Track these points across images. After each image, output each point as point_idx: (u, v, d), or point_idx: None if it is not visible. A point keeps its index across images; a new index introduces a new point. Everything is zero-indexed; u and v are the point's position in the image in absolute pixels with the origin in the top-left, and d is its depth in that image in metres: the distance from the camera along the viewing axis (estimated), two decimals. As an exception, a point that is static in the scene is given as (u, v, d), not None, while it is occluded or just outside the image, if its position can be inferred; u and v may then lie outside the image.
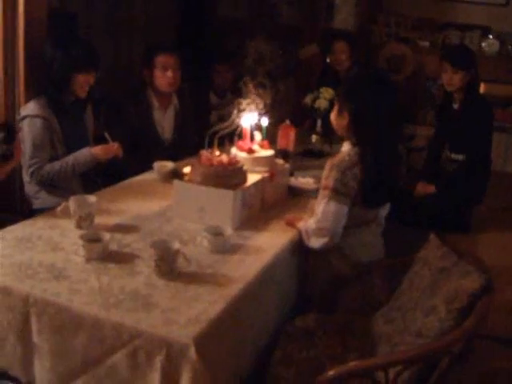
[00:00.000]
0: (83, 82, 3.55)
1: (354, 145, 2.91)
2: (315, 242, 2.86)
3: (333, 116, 3.02)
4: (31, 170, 3.42)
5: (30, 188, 3.55)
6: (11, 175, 3.41)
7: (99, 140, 3.56)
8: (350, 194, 2.83)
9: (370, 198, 2.89)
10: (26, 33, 3.52)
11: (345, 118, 2.91)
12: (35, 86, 3.58)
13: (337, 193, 2.80)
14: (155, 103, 4.29)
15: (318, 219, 2.83)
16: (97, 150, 3.48)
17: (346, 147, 2.96)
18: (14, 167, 2.91)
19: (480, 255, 2.60)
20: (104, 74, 3.73)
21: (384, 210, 3.10)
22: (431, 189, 4.41)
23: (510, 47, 6.51)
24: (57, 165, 3.45)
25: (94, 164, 3.52)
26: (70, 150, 3.51)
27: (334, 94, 3.14)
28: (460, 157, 4.37)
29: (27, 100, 3.54)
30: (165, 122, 4.36)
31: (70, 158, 3.46)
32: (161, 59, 4.21)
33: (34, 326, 2.23)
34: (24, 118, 3.43)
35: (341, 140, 3.12)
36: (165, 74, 4.21)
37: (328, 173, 2.86)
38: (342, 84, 3.13)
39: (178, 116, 4.43)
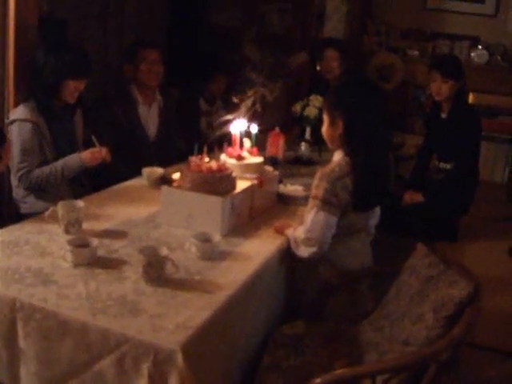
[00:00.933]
0: (73, 88, 3.54)
1: (345, 154, 2.89)
2: (304, 251, 2.85)
3: (325, 127, 2.98)
4: (20, 174, 3.40)
5: (17, 192, 3.54)
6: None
7: (88, 145, 3.55)
8: (340, 205, 2.82)
9: (359, 204, 2.88)
10: (17, 38, 3.51)
11: (338, 127, 2.87)
12: (25, 90, 3.57)
13: (326, 203, 2.79)
14: (139, 99, 4.32)
15: (306, 229, 2.82)
16: (85, 156, 3.47)
17: (336, 157, 2.94)
18: (2, 171, 2.90)
19: (467, 264, 2.60)
20: (94, 79, 3.72)
21: (374, 220, 3.10)
22: (418, 198, 4.42)
23: (498, 57, 6.54)
24: (46, 169, 3.44)
25: (82, 169, 3.51)
26: (59, 154, 3.50)
27: (323, 104, 3.12)
28: (448, 166, 4.39)
29: (16, 104, 3.52)
30: (149, 117, 4.39)
31: (60, 163, 3.45)
32: (145, 54, 4.25)
33: (21, 332, 2.21)
34: (13, 121, 3.42)
35: (327, 148, 3.12)
36: (149, 68, 4.25)
37: (318, 182, 2.85)
38: (329, 94, 3.11)
39: (162, 112, 4.46)
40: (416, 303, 2.45)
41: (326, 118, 2.97)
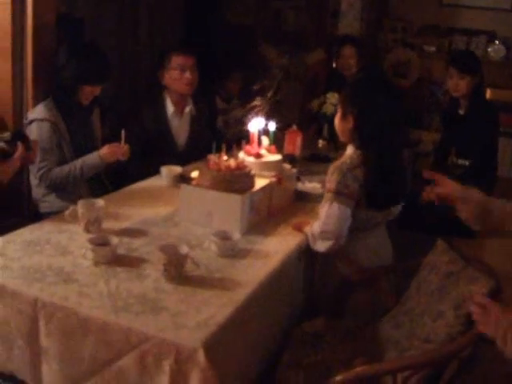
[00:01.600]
0: (89, 92, 3.57)
1: (356, 148, 2.92)
2: (321, 246, 2.86)
3: (337, 120, 3.03)
4: (40, 173, 3.42)
5: (37, 191, 3.56)
6: (17, 179, 3.43)
7: (107, 143, 3.55)
8: (353, 196, 2.83)
9: (373, 201, 2.89)
10: (35, 37, 3.54)
11: (349, 121, 2.92)
12: (43, 89, 3.59)
13: (339, 194, 2.81)
14: (171, 107, 4.24)
15: (322, 222, 2.83)
16: (104, 152, 3.48)
17: (349, 150, 2.97)
18: (17, 170, 2.90)
19: (486, 261, 2.59)
20: (111, 80, 3.73)
21: (392, 216, 3.10)
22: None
23: (516, 52, 6.51)
24: (66, 168, 3.46)
25: (102, 167, 3.53)
26: (77, 153, 3.52)
27: (338, 99, 3.14)
28: (466, 162, 4.37)
29: (35, 104, 3.55)
30: (180, 126, 4.30)
31: (79, 162, 3.47)
32: (178, 60, 4.16)
33: (43, 330, 2.23)
34: (32, 121, 3.44)
35: (346, 144, 3.13)
36: (182, 76, 4.16)
37: (330, 176, 2.88)
38: (344, 89, 3.13)
39: (194, 121, 4.37)
40: (436, 300, 2.44)
41: (339, 110, 3.01)
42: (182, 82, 4.17)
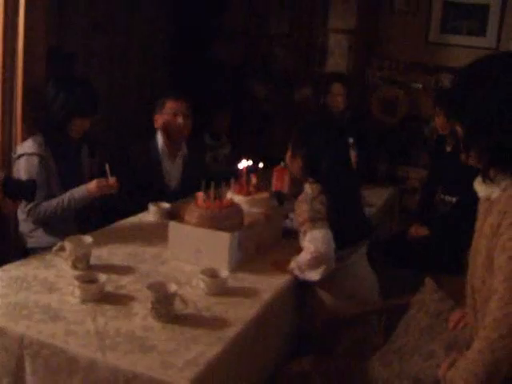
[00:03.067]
0: (79, 126, 3.57)
1: (311, 183, 3.03)
2: (313, 274, 2.88)
3: (287, 159, 3.20)
4: (28, 207, 3.41)
5: (24, 226, 3.54)
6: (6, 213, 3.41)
7: (96, 178, 3.54)
8: (325, 218, 2.89)
9: (340, 237, 2.93)
10: (25, 70, 3.55)
11: (298, 162, 3.10)
12: (32, 124, 3.59)
13: (315, 220, 2.87)
14: (165, 151, 4.26)
15: (310, 251, 2.85)
16: (91, 186, 3.46)
17: (306, 187, 3.08)
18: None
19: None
20: (99, 114, 3.74)
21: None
22: (424, 231, 4.41)
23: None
24: (53, 202, 3.44)
25: (89, 200, 3.50)
26: (65, 188, 3.50)
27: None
28: (453, 199, 4.39)
29: (24, 138, 3.55)
30: (172, 170, 4.31)
31: (67, 195, 3.45)
32: (171, 105, 4.21)
33: (29, 368, 2.20)
34: (20, 156, 3.43)
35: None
36: (175, 120, 4.19)
37: (298, 210, 2.98)
38: (293, 132, 3.21)
39: (187, 165, 4.37)
40: (426, 339, 2.43)
41: (288, 150, 3.18)
42: (174, 126, 4.19)
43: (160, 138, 4.24)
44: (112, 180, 3.45)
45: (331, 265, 2.86)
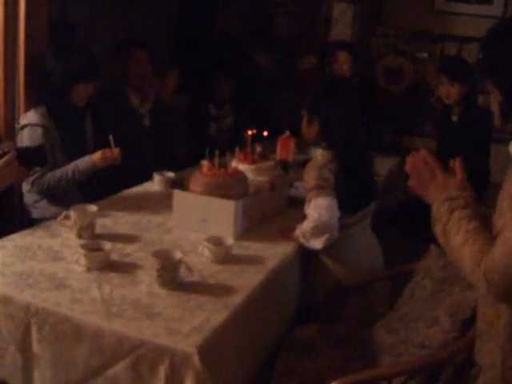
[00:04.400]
0: (82, 92, 3.55)
1: (324, 149, 3.02)
2: (317, 243, 2.87)
3: (303, 126, 3.15)
4: (32, 178, 3.40)
5: (29, 197, 3.54)
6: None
7: (99, 148, 3.53)
8: (332, 187, 2.89)
9: (343, 204, 2.92)
10: (27, 43, 3.52)
11: (315, 126, 3.06)
12: (35, 95, 3.57)
13: (321, 188, 2.87)
14: (135, 101, 4.32)
15: (313, 218, 2.85)
16: (96, 157, 3.45)
17: (317, 152, 3.10)
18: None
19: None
20: (102, 83, 3.72)
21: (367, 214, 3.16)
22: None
23: (507, 60, 6.52)
24: (57, 173, 3.43)
25: (93, 171, 3.50)
26: (70, 158, 3.49)
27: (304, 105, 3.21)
28: None
29: (27, 109, 3.54)
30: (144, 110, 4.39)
31: (71, 165, 3.44)
32: (133, 53, 4.29)
33: (35, 336, 2.21)
34: (24, 126, 3.42)
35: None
36: (138, 67, 4.27)
37: (306, 176, 2.96)
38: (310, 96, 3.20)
39: (152, 117, 4.43)
40: (431, 306, 2.43)
41: (304, 116, 3.14)
42: (140, 75, 4.31)
43: (130, 91, 4.34)
44: (116, 150, 3.44)
45: (334, 233, 2.86)
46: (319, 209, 2.84)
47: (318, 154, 3.03)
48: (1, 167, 2.60)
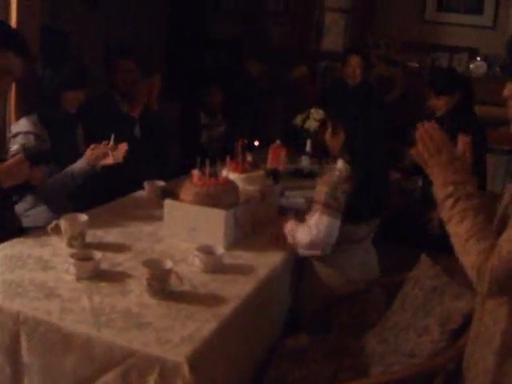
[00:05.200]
0: (73, 99, 3.56)
1: (346, 162, 2.94)
2: (305, 253, 2.92)
3: (327, 135, 3.07)
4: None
5: (19, 206, 3.52)
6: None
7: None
8: (340, 208, 2.86)
9: (356, 215, 2.91)
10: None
11: (340, 137, 2.97)
12: (26, 103, 3.57)
13: (328, 207, 2.84)
14: (125, 108, 4.30)
15: (311, 233, 2.84)
16: (87, 154, 3.44)
17: (339, 164, 2.98)
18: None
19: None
20: (94, 92, 3.73)
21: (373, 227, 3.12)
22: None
23: (497, 69, 6.55)
24: (58, 178, 3.42)
25: (90, 171, 3.46)
26: (61, 166, 3.48)
27: (325, 114, 3.18)
28: None
29: (18, 117, 3.53)
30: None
31: (68, 170, 3.43)
32: (120, 62, 4.26)
33: (24, 345, 2.20)
34: (16, 134, 3.41)
35: (331, 160, 3.17)
36: (125, 77, 4.25)
37: (319, 187, 2.91)
38: (334, 104, 3.17)
39: (142, 126, 4.40)
40: (421, 315, 2.44)
41: (329, 125, 3.06)
42: (126, 85, 4.28)
43: (117, 97, 4.32)
44: (109, 144, 3.43)
45: (326, 251, 2.88)
46: (320, 226, 2.83)
47: (337, 169, 2.96)
48: (12, 166, 2.63)
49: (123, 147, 3.44)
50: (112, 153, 3.42)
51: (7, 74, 2.94)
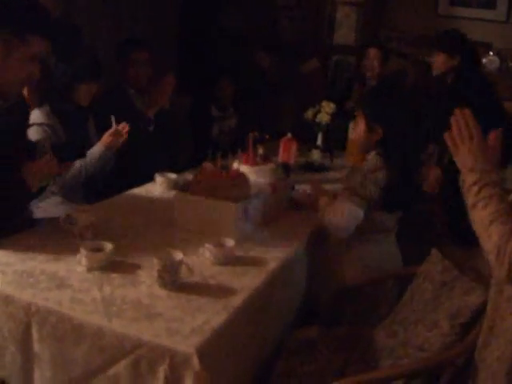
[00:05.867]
0: (85, 92, 3.57)
1: (377, 154, 2.99)
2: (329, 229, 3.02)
3: (361, 133, 3.07)
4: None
5: (31, 197, 3.55)
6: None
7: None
8: (368, 198, 2.91)
9: (389, 203, 2.97)
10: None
11: (377, 134, 3.00)
12: (38, 95, 3.58)
13: (359, 196, 2.90)
14: (138, 102, 4.32)
15: (336, 219, 2.93)
16: (104, 139, 3.48)
17: (370, 156, 3.04)
18: None
19: (482, 270, 2.59)
20: (107, 84, 3.74)
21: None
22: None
23: (510, 64, 6.52)
24: (76, 166, 3.45)
25: (109, 155, 3.53)
26: (74, 158, 3.49)
27: (357, 107, 3.21)
28: None
29: (31, 109, 3.53)
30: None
31: (87, 157, 3.47)
32: (135, 54, 4.27)
33: (35, 335, 2.21)
34: (29, 126, 3.43)
35: (339, 154, 3.21)
36: (139, 70, 4.27)
37: (351, 175, 3.03)
38: (368, 102, 3.17)
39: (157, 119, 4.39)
40: (430, 309, 2.44)
41: (362, 123, 3.06)
42: (140, 77, 4.32)
43: (129, 90, 4.33)
44: (122, 126, 3.51)
45: (344, 236, 2.98)
46: (345, 212, 2.90)
47: (370, 159, 3.02)
48: (43, 166, 2.66)
49: (124, 127, 3.52)
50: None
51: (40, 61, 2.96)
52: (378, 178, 2.91)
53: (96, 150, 3.50)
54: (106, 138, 3.51)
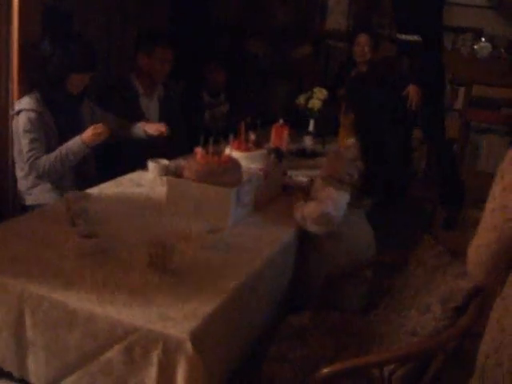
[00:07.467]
0: (78, 81, 3.56)
1: (357, 140, 3.01)
2: (315, 228, 2.96)
3: (341, 116, 3.22)
4: (29, 162, 3.41)
5: (22, 184, 3.54)
6: (2, 171, 3.42)
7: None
8: (352, 183, 2.93)
9: (369, 188, 3.00)
10: (21, 30, 3.50)
11: (350, 117, 3.07)
12: (28, 82, 3.56)
13: (342, 181, 2.91)
14: (140, 89, 4.29)
15: (321, 208, 2.90)
16: (85, 135, 3.46)
17: (350, 143, 3.06)
18: None
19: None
20: (98, 71, 3.72)
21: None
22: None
23: (502, 50, 6.52)
24: (52, 155, 3.43)
25: (86, 151, 3.49)
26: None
27: (340, 93, 3.27)
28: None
29: (21, 96, 3.52)
30: (150, 109, 4.36)
31: (63, 147, 3.45)
32: (161, 51, 4.23)
33: (29, 322, 2.22)
34: (19, 112, 3.42)
35: (331, 140, 3.24)
36: (162, 67, 4.25)
37: (333, 162, 3.02)
38: (346, 85, 3.26)
39: (162, 104, 4.44)
40: (423, 294, 2.44)
41: (342, 105, 3.19)
42: (160, 72, 4.28)
43: (134, 77, 4.29)
44: (100, 125, 3.48)
45: (333, 227, 2.93)
46: (331, 201, 2.89)
47: (351, 145, 3.04)
48: None
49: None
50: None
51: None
52: (358, 165, 2.95)
53: (75, 144, 3.47)
54: (89, 134, 3.47)
